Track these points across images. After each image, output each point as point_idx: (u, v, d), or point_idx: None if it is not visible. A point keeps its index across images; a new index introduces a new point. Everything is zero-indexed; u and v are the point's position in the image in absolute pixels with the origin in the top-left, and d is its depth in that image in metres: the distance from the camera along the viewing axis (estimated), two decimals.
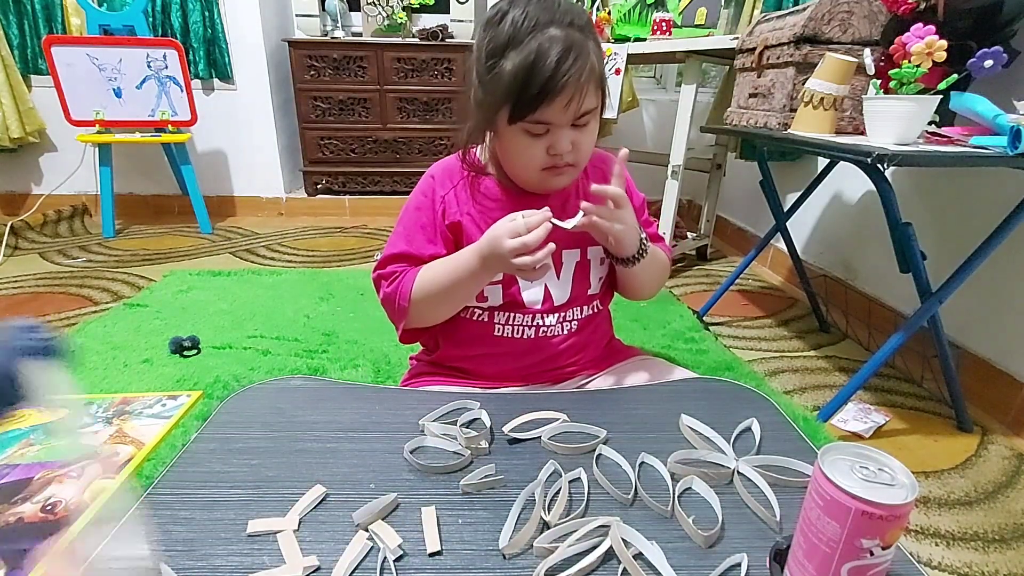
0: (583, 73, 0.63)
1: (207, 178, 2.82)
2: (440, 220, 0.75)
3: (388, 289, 0.75)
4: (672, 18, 2.02)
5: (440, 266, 0.73)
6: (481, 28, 0.69)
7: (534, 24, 0.63)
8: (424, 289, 0.72)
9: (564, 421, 0.62)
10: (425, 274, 0.73)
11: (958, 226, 1.36)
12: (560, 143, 0.67)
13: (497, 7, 0.67)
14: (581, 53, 0.63)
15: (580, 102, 0.64)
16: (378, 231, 2.70)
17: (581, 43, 0.63)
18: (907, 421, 1.22)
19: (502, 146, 0.72)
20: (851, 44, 1.21)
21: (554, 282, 0.78)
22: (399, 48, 2.70)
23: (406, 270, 0.74)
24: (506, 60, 0.64)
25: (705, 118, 2.32)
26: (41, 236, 2.48)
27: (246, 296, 1.78)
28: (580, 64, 0.62)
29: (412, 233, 0.76)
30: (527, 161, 0.69)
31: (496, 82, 0.65)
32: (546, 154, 0.68)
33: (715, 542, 0.46)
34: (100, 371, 1.30)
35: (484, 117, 0.70)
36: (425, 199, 0.76)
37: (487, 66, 0.67)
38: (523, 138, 0.68)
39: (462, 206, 0.76)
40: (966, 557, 0.86)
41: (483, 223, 0.74)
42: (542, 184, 0.73)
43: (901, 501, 0.35)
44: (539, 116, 0.65)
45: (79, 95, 2.28)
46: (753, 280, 2.12)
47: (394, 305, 0.74)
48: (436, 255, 0.75)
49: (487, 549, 0.45)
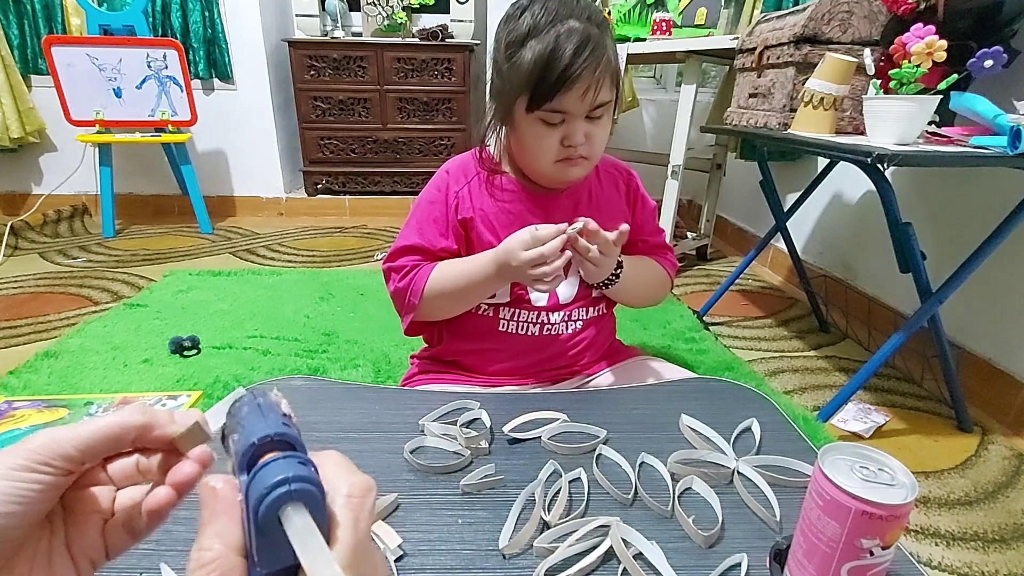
0: (599, 65, 0.65)
1: (207, 178, 2.82)
2: (453, 215, 0.76)
3: (400, 284, 0.75)
4: (672, 18, 2.02)
5: (455, 267, 0.74)
6: (501, 22, 0.71)
7: (554, 16, 0.65)
8: (436, 288, 0.73)
9: (564, 421, 0.62)
10: (439, 273, 0.74)
11: (958, 226, 1.36)
12: (575, 134, 0.68)
13: (517, 3, 0.69)
14: (598, 46, 0.65)
15: (596, 93, 0.66)
16: (378, 231, 2.70)
17: (598, 37, 0.66)
18: (907, 421, 1.22)
19: (518, 138, 0.73)
20: (851, 44, 1.21)
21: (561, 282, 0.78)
22: (399, 48, 2.70)
23: (419, 266, 0.75)
24: (526, 49, 0.66)
25: (705, 118, 2.32)
26: (41, 236, 2.47)
27: (246, 296, 1.78)
28: (597, 56, 0.65)
29: (424, 226, 0.77)
30: (543, 152, 0.71)
31: (515, 71, 0.67)
32: (561, 145, 0.69)
33: (715, 542, 0.46)
34: (100, 371, 1.30)
35: (503, 107, 0.72)
36: (439, 194, 0.77)
37: (507, 55, 0.69)
38: (539, 128, 0.69)
39: (475, 202, 0.76)
40: (966, 557, 0.86)
41: (496, 220, 0.76)
42: (556, 176, 0.73)
43: (901, 501, 0.35)
44: (556, 104, 0.66)
45: (79, 95, 2.28)
46: (753, 280, 2.12)
47: (404, 300, 0.75)
48: (447, 249, 0.76)
49: (487, 549, 0.45)
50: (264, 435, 0.23)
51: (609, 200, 0.82)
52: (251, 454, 0.22)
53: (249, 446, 0.22)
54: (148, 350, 1.40)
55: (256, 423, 0.24)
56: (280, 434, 0.23)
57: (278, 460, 0.21)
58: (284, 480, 0.20)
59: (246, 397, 0.27)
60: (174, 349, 1.38)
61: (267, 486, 0.20)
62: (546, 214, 0.77)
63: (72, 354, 1.36)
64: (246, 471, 0.22)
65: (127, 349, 1.40)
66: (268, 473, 0.21)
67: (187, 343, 1.40)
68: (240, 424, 0.25)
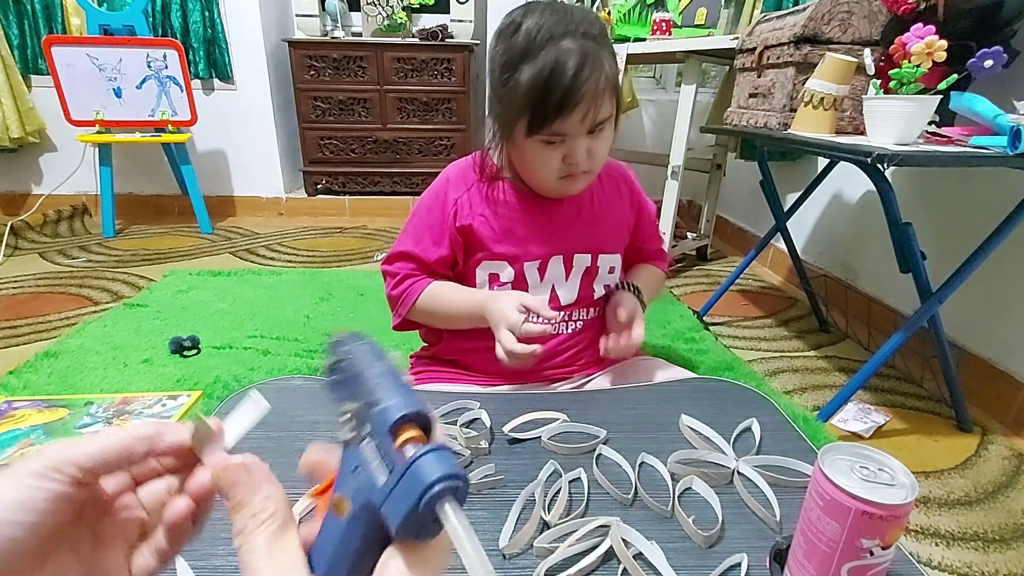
0: (598, 84, 0.63)
1: (207, 178, 2.82)
2: (451, 222, 0.76)
3: (393, 292, 0.78)
4: (672, 18, 2.02)
5: (447, 294, 0.75)
6: (494, 38, 0.70)
7: (548, 36, 0.63)
8: (426, 308, 0.76)
9: (564, 421, 0.62)
10: (431, 296, 0.76)
11: (958, 226, 1.36)
12: (577, 152, 0.68)
13: (511, 17, 0.67)
14: (596, 64, 0.63)
15: (596, 113, 0.65)
16: (378, 231, 2.70)
17: (596, 53, 0.64)
18: (907, 421, 1.22)
19: (518, 155, 0.73)
20: (851, 44, 1.21)
21: (562, 284, 0.79)
22: (399, 48, 2.70)
23: (413, 277, 0.77)
24: (521, 73, 0.64)
25: (705, 118, 2.32)
26: (41, 236, 2.47)
27: (246, 296, 1.78)
28: (596, 75, 0.63)
29: (420, 234, 0.77)
30: (545, 170, 0.71)
31: (512, 95, 0.66)
32: (562, 162, 0.69)
33: (715, 542, 0.46)
34: (100, 371, 1.30)
35: (501, 129, 0.71)
36: (436, 200, 0.77)
37: (502, 79, 0.67)
38: (540, 148, 0.69)
39: (475, 209, 0.76)
40: (966, 557, 0.86)
41: (497, 226, 0.76)
42: (558, 190, 0.74)
43: (901, 501, 0.35)
44: (556, 128, 0.66)
45: (79, 95, 2.28)
46: (753, 280, 2.12)
47: (395, 307, 0.79)
48: (441, 259, 0.76)
49: (487, 549, 0.45)
50: (411, 411, 0.23)
51: (611, 204, 0.82)
52: (394, 428, 0.22)
53: (391, 420, 0.22)
54: (148, 350, 1.40)
55: (392, 390, 0.24)
56: (422, 413, 0.23)
57: (440, 452, 0.22)
58: (449, 475, 0.21)
59: (364, 345, 0.26)
60: (174, 349, 1.38)
61: (432, 480, 0.21)
62: (548, 220, 0.77)
63: (72, 354, 1.36)
64: (386, 435, 0.22)
65: (127, 349, 1.40)
66: (430, 466, 0.21)
67: (187, 343, 1.40)
68: (368, 382, 0.24)
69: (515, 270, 0.77)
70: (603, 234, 0.81)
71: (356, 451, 0.24)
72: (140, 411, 1.13)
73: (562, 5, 0.67)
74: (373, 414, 0.23)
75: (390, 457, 0.22)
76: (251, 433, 0.31)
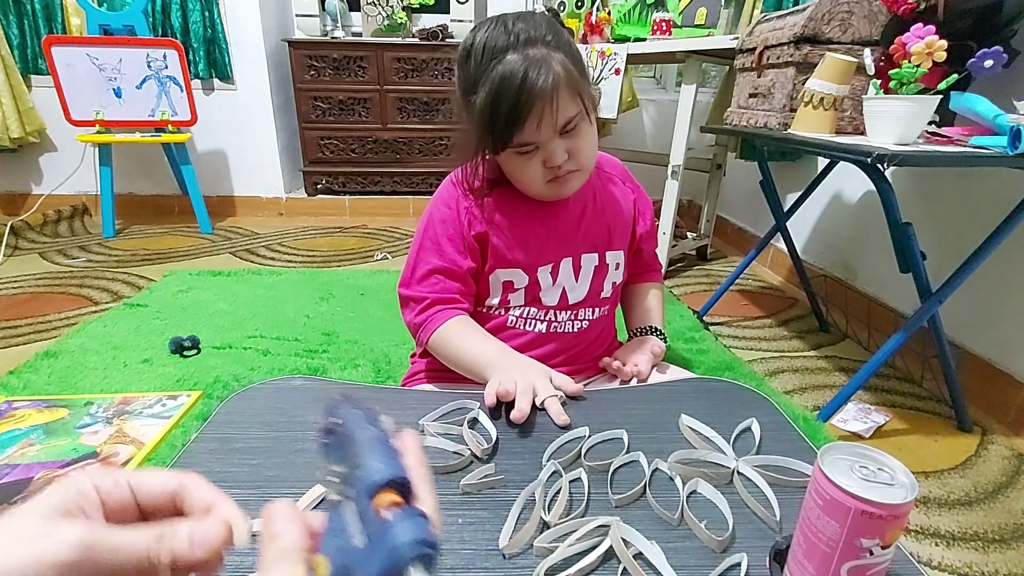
0: (547, 89, 0.63)
1: (207, 178, 2.82)
2: (467, 231, 0.75)
3: (415, 319, 0.76)
4: (672, 18, 2.02)
5: (462, 345, 0.73)
6: (455, 64, 0.71)
7: (492, 55, 0.64)
8: (440, 348, 0.74)
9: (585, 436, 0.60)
10: (447, 335, 0.73)
11: (958, 226, 1.36)
12: (553, 156, 0.67)
13: (463, 43, 0.69)
14: (542, 68, 0.63)
15: (554, 116, 0.65)
16: (378, 231, 2.70)
17: (540, 60, 0.63)
18: (907, 421, 1.22)
19: (504, 167, 0.74)
20: (851, 44, 1.21)
21: (571, 284, 0.79)
22: (399, 48, 2.70)
23: (440, 308, 0.75)
24: (477, 96, 0.66)
25: (705, 118, 2.32)
26: (41, 236, 2.48)
27: (246, 296, 1.78)
28: (543, 80, 0.62)
29: (442, 246, 0.75)
30: (530, 179, 0.71)
31: (473, 118, 0.67)
32: (544, 167, 0.69)
33: (728, 546, 0.46)
34: (100, 371, 1.30)
35: (474, 150, 0.72)
36: (449, 211, 0.76)
37: (465, 105, 0.69)
38: (517, 159, 0.69)
39: (487, 214, 0.76)
40: (966, 557, 0.86)
41: (510, 231, 0.76)
42: (551, 194, 0.73)
43: (901, 501, 0.34)
44: (518, 140, 0.66)
45: (79, 95, 2.28)
46: (753, 280, 2.12)
47: (416, 335, 0.77)
48: (469, 269, 0.76)
49: (487, 549, 0.45)
50: (392, 477, 0.24)
51: (613, 201, 0.83)
52: (374, 492, 0.23)
53: (372, 484, 0.23)
54: (148, 350, 1.40)
55: (377, 456, 0.25)
56: (403, 479, 0.24)
57: (415, 519, 0.22)
58: (420, 541, 0.22)
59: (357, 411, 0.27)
60: (174, 349, 1.38)
61: (404, 543, 0.21)
62: (556, 222, 0.77)
63: (72, 354, 1.36)
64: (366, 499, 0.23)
65: (127, 349, 1.40)
66: (403, 532, 0.22)
67: (187, 343, 1.40)
68: (357, 446, 0.25)
69: (529, 276, 0.77)
70: (609, 230, 0.81)
71: (341, 513, 0.24)
72: (140, 411, 1.13)
73: (503, 17, 0.66)
74: (356, 477, 0.24)
75: (368, 520, 0.23)
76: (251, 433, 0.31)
